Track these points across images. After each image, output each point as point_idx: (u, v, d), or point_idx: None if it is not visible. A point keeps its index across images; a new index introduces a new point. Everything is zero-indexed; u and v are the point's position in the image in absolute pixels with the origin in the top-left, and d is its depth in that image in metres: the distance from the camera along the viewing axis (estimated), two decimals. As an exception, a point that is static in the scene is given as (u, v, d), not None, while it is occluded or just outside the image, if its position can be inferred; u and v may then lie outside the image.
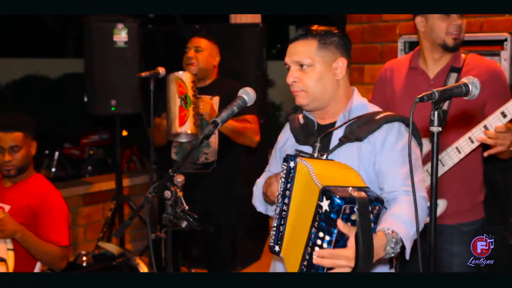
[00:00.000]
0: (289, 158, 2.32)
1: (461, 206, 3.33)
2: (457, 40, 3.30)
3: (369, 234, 2.08)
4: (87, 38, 5.19)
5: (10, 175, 3.69)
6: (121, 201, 5.52)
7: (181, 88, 3.89)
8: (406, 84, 3.41)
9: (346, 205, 2.05)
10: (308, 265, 2.13)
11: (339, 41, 2.52)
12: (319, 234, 2.10)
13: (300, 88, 2.48)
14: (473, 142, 3.15)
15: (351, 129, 2.47)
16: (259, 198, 2.74)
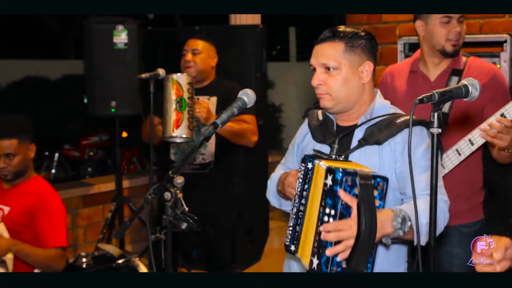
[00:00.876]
0: (307, 159, 2.32)
1: (461, 208, 3.33)
2: (456, 46, 3.30)
3: (372, 205, 2.09)
4: (87, 39, 5.19)
5: (7, 179, 3.69)
6: (121, 203, 5.52)
7: (177, 91, 3.89)
8: (407, 88, 3.42)
9: (348, 176, 2.09)
10: (318, 245, 2.13)
11: (366, 44, 2.50)
12: (325, 211, 2.13)
13: (324, 91, 2.46)
14: (473, 144, 3.16)
15: (372, 132, 2.46)
16: (273, 193, 2.73)
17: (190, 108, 3.93)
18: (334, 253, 2.10)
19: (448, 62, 3.33)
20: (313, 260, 2.15)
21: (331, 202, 2.12)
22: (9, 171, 3.65)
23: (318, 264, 2.13)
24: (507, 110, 3.02)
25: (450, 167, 3.24)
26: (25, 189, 3.74)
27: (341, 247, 2.10)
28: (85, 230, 5.93)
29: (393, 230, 2.19)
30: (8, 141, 3.62)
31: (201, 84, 4.45)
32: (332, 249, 2.10)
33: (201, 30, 5.58)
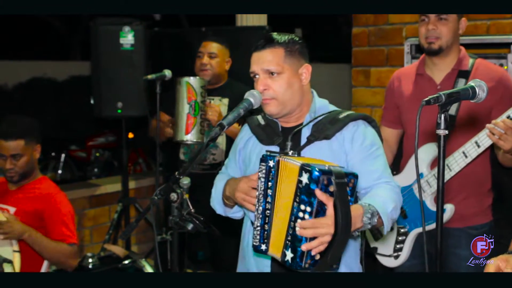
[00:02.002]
0: (267, 157, 2.36)
1: (470, 210, 3.33)
2: (432, 44, 3.30)
3: (347, 202, 2.19)
4: (94, 40, 5.20)
5: (13, 180, 3.70)
6: (127, 204, 5.52)
7: (191, 94, 3.90)
8: (413, 91, 3.42)
9: (324, 176, 2.16)
10: (292, 239, 2.20)
11: (302, 48, 2.59)
12: (300, 207, 2.20)
13: (270, 95, 2.52)
14: (479, 147, 3.16)
15: (318, 128, 2.55)
16: (218, 201, 2.77)
17: (202, 112, 3.94)
18: (310, 248, 2.17)
19: (452, 64, 3.32)
20: (287, 252, 2.22)
21: (306, 199, 2.18)
22: (16, 172, 3.66)
23: (293, 257, 2.19)
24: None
25: (456, 169, 3.23)
26: (31, 190, 3.75)
27: (316, 243, 2.16)
28: (91, 231, 5.93)
29: (363, 225, 2.29)
30: (15, 142, 3.63)
31: (214, 86, 4.45)
32: (308, 244, 2.16)
33: (208, 31, 5.58)
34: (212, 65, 4.44)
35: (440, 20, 3.27)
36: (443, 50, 3.30)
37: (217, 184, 2.80)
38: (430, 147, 3.27)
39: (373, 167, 2.49)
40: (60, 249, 3.61)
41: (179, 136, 3.91)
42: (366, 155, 2.50)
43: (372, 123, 2.59)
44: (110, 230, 5.39)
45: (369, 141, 2.53)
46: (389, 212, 2.37)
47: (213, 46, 4.48)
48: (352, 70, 5.08)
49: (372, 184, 2.47)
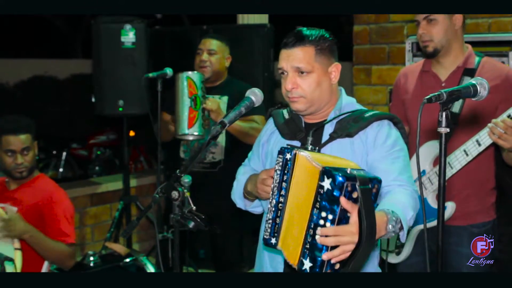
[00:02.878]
0: (285, 150, 2.32)
1: (471, 208, 3.32)
2: (427, 48, 3.32)
3: (372, 210, 2.09)
4: (95, 39, 5.20)
5: (23, 176, 3.72)
6: (129, 202, 5.53)
7: (191, 89, 3.89)
8: (418, 87, 3.42)
9: (348, 182, 2.06)
10: (311, 247, 2.12)
11: (332, 46, 2.54)
12: (321, 214, 2.11)
13: (299, 94, 2.49)
14: (480, 145, 3.16)
15: (341, 126, 2.51)
16: (239, 195, 2.76)
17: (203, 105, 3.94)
18: (331, 257, 2.09)
19: (458, 61, 3.32)
20: (304, 261, 2.13)
21: (328, 206, 2.09)
22: (25, 167, 3.70)
23: (312, 267, 2.11)
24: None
25: (458, 167, 3.24)
26: (31, 188, 3.77)
27: (338, 251, 2.08)
28: (92, 229, 5.94)
29: (387, 232, 2.22)
30: (24, 136, 3.68)
31: (213, 84, 4.44)
32: (329, 253, 2.08)
33: (209, 29, 5.58)
34: (212, 62, 4.42)
35: (429, 22, 3.28)
36: (440, 51, 3.30)
37: (239, 178, 2.78)
38: (433, 144, 3.27)
39: (391, 167, 2.43)
40: (58, 249, 3.63)
41: (181, 130, 3.90)
42: (386, 154, 2.46)
43: (398, 124, 2.56)
44: (112, 228, 5.39)
45: (392, 141, 2.49)
46: (408, 219, 2.31)
47: (213, 43, 4.47)
48: (353, 68, 5.08)
49: (387, 184, 2.39)
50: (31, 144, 3.71)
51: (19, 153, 3.67)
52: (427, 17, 3.27)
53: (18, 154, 3.67)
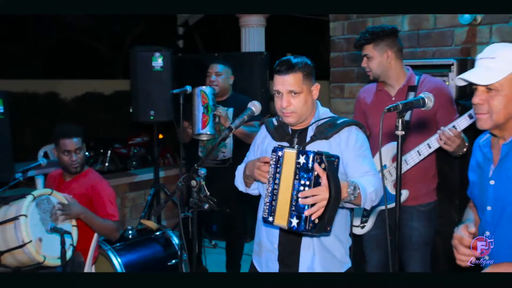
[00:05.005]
0: (277, 149, 2.35)
1: (419, 192, 3.32)
2: (369, 76, 3.37)
3: (336, 175, 2.18)
4: (132, 63, 5.20)
5: (77, 171, 3.73)
6: (158, 189, 5.52)
7: (204, 99, 3.93)
8: (375, 102, 3.43)
9: (317, 155, 2.16)
10: (296, 208, 2.18)
11: (313, 70, 2.56)
12: (301, 182, 2.18)
13: (291, 110, 2.50)
14: (430, 148, 3.19)
15: (319, 130, 2.53)
16: (240, 180, 2.75)
17: (214, 112, 3.96)
18: (311, 213, 2.14)
19: (402, 81, 3.32)
20: (292, 220, 2.19)
21: (306, 175, 2.17)
22: (79, 163, 3.70)
23: (298, 222, 2.17)
24: (457, 123, 3.06)
25: (412, 164, 3.24)
26: (82, 179, 3.77)
27: (316, 207, 2.13)
28: (130, 209, 5.93)
29: (347, 195, 2.25)
30: (76, 139, 3.69)
31: (221, 98, 4.46)
32: (310, 210, 2.14)
33: (219, 56, 5.57)
34: (219, 81, 4.46)
35: (368, 58, 3.31)
36: (379, 78, 3.33)
37: (239, 168, 2.80)
38: (391, 145, 3.27)
39: (363, 163, 2.46)
40: (107, 225, 3.64)
41: (196, 130, 3.93)
42: (358, 154, 2.48)
43: (362, 129, 2.57)
44: (145, 209, 5.39)
45: (360, 143, 2.51)
46: (368, 192, 2.33)
47: (218, 67, 4.51)
48: (331, 85, 5.07)
49: (360, 176, 2.43)
50: (82, 146, 3.72)
51: (73, 152, 3.67)
52: (366, 55, 3.31)
53: (72, 153, 3.67)
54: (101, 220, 3.62)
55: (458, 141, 3.03)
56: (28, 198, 3.31)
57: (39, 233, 3.28)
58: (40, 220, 3.33)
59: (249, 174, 2.58)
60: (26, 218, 3.23)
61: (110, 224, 3.65)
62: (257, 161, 2.49)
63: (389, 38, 3.25)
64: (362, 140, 2.53)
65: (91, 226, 3.60)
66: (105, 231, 3.66)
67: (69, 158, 3.67)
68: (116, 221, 3.70)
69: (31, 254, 3.20)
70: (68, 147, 3.66)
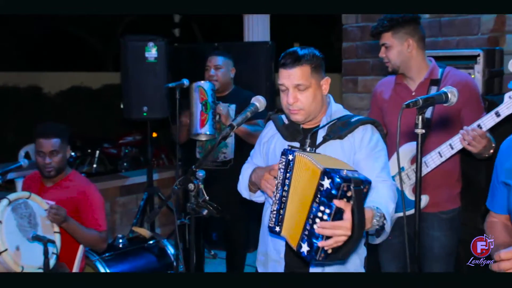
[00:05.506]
0: (287, 151, 2.34)
1: (441, 197, 3.32)
2: (387, 67, 3.37)
3: (362, 207, 2.12)
4: (123, 54, 5.20)
5: (51, 175, 3.70)
6: (152, 193, 5.53)
7: (202, 95, 3.92)
8: (393, 97, 3.42)
9: (344, 184, 2.08)
10: (309, 234, 2.14)
11: (322, 63, 2.55)
12: (320, 208, 2.13)
13: (298, 107, 2.50)
14: (453, 149, 3.17)
15: (333, 129, 2.53)
16: (244, 186, 2.75)
17: (213, 110, 3.95)
18: (325, 246, 2.10)
19: (423, 74, 3.32)
20: (303, 245, 2.16)
21: (327, 202, 2.11)
22: (53, 167, 3.67)
23: (309, 251, 2.14)
24: (483, 121, 3.04)
25: (432, 166, 3.23)
26: (65, 184, 3.76)
27: (332, 242, 2.10)
28: (121, 215, 5.94)
29: (371, 226, 2.23)
30: (56, 140, 3.66)
31: (222, 94, 4.46)
32: (324, 242, 2.10)
33: (220, 47, 5.57)
34: (218, 76, 4.44)
35: (386, 48, 3.31)
36: (398, 69, 3.33)
37: (244, 172, 2.79)
38: (410, 145, 3.26)
39: (374, 165, 2.46)
40: (92, 235, 3.65)
41: (194, 130, 3.93)
42: (370, 154, 2.48)
43: (378, 128, 2.58)
44: (137, 215, 5.39)
45: (374, 142, 2.51)
46: (390, 211, 2.33)
47: (218, 59, 4.49)
48: (343, 79, 5.07)
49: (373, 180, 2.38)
50: (60, 148, 3.67)
51: (48, 154, 3.65)
52: (384, 44, 3.30)
53: (47, 155, 3.65)
54: (85, 230, 3.62)
55: (484, 141, 3.02)
56: (3, 203, 3.29)
57: (16, 241, 3.27)
58: (17, 227, 3.31)
59: (255, 181, 2.59)
60: (0, 225, 3.22)
61: (95, 235, 3.65)
62: (266, 171, 2.49)
63: (409, 26, 3.24)
64: (376, 141, 2.53)
65: (73, 235, 3.59)
66: (89, 242, 3.66)
67: (42, 160, 3.66)
68: (103, 231, 3.70)
69: (7, 263, 3.18)
70: (43, 148, 3.64)
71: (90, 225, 3.65)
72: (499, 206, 2.40)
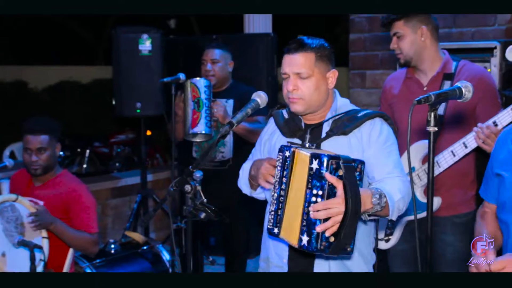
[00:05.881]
0: (284, 148, 2.33)
1: (454, 200, 3.31)
2: (399, 59, 3.35)
3: (355, 183, 2.15)
4: (115, 47, 5.21)
5: (37, 173, 3.69)
6: (146, 195, 5.53)
7: (194, 93, 3.91)
8: (403, 92, 3.42)
9: (332, 160, 2.12)
10: (307, 224, 2.16)
11: (330, 54, 2.55)
12: (313, 192, 2.16)
13: (298, 96, 2.50)
14: (467, 147, 3.16)
15: (337, 125, 2.52)
16: (245, 181, 2.75)
17: (207, 108, 3.93)
18: (324, 229, 2.13)
19: (436, 67, 3.31)
20: (302, 237, 2.17)
21: (318, 184, 2.14)
22: (40, 165, 3.67)
23: (309, 240, 2.15)
24: (499, 118, 3.04)
25: (445, 166, 3.23)
26: (55, 184, 3.76)
27: (330, 223, 2.12)
28: (113, 219, 5.94)
29: (372, 206, 2.24)
30: (45, 137, 3.66)
31: (219, 89, 4.46)
32: (322, 225, 2.12)
33: (218, 39, 5.57)
34: (215, 71, 4.43)
35: (398, 37, 3.30)
36: (411, 61, 3.32)
37: (244, 167, 2.79)
38: (421, 144, 3.26)
39: (386, 161, 2.45)
40: (83, 238, 3.64)
41: (187, 130, 3.93)
42: (380, 149, 2.47)
43: (388, 121, 2.57)
44: (130, 219, 5.40)
45: (384, 136, 2.50)
46: (396, 200, 2.32)
47: (215, 53, 4.47)
48: (350, 73, 5.07)
49: (383, 177, 2.43)
50: (48, 145, 3.67)
51: (34, 152, 3.65)
52: (396, 33, 3.29)
53: (33, 152, 3.65)
54: (76, 232, 3.62)
55: None
56: None
57: (2, 246, 3.28)
58: (3, 231, 3.32)
59: (254, 174, 2.57)
60: None
61: (87, 237, 3.65)
62: (265, 162, 2.48)
63: (423, 13, 3.24)
64: (387, 134, 2.52)
65: (63, 239, 3.59)
66: (80, 245, 3.66)
67: (29, 157, 3.66)
68: (95, 234, 3.70)
69: None
70: (29, 144, 3.64)
71: (80, 227, 3.65)
72: (491, 196, 2.52)
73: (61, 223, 3.55)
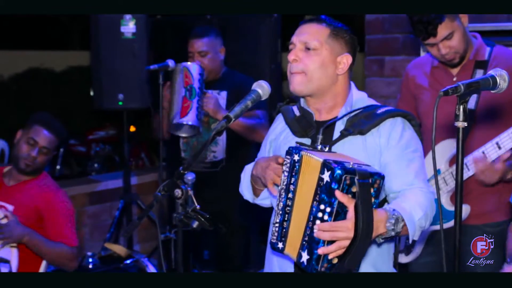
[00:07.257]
0: (293, 150, 2.32)
1: (486, 207, 3.31)
2: (454, 60, 3.28)
3: (369, 205, 2.14)
4: (94, 29, 5.21)
5: (27, 171, 3.73)
6: (129, 200, 5.54)
7: (187, 79, 3.92)
8: (430, 82, 3.41)
9: (347, 175, 2.11)
10: (309, 240, 2.17)
11: (350, 39, 2.56)
12: (320, 207, 2.16)
13: (300, 68, 2.50)
14: (501, 148, 3.13)
15: (353, 123, 2.51)
16: (247, 186, 2.75)
17: (199, 98, 3.94)
18: (327, 252, 2.14)
19: (469, 54, 3.30)
20: (302, 254, 2.18)
21: (327, 199, 2.14)
22: (34, 163, 3.73)
23: (309, 260, 2.16)
24: None
25: (475, 170, 3.21)
26: (30, 187, 3.77)
27: (335, 247, 2.14)
28: (91, 229, 5.94)
29: (386, 231, 2.24)
30: (52, 137, 3.76)
31: (211, 79, 4.43)
32: (325, 248, 2.13)
33: (213, 19, 5.57)
34: (205, 63, 4.38)
35: (449, 39, 3.21)
36: (465, 55, 3.29)
37: (246, 169, 2.78)
38: (449, 143, 3.25)
39: (406, 170, 2.44)
40: (60, 251, 3.65)
41: (175, 119, 3.92)
42: (401, 155, 2.45)
43: (412, 122, 2.55)
44: (111, 228, 5.41)
45: (406, 140, 2.48)
46: (417, 220, 2.31)
47: (202, 43, 4.45)
48: (366, 59, 5.07)
49: (403, 189, 2.41)
50: (52, 149, 3.77)
51: (39, 148, 3.70)
52: (446, 37, 3.19)
53: (37, 148, 3.70)
54: (53, 244, 3.62)
55: None
56: None
57: None
58: None
59: (257, 175, 2.55)
60: None
61: (65, 250, 3.66)
62: (272, 160, 2.47)
63: None
64: (409, 138, 2.50)
65: (38, 252, 3.60)
66: (57, 259, 3.67)
67: (29, 149, 3.69)
68: (74, 247, 3.71)
69: None
70: (38, 138, 3.70)
71: (56, 238, 3.66)
72: None
73: (36, 235, 3.56)
